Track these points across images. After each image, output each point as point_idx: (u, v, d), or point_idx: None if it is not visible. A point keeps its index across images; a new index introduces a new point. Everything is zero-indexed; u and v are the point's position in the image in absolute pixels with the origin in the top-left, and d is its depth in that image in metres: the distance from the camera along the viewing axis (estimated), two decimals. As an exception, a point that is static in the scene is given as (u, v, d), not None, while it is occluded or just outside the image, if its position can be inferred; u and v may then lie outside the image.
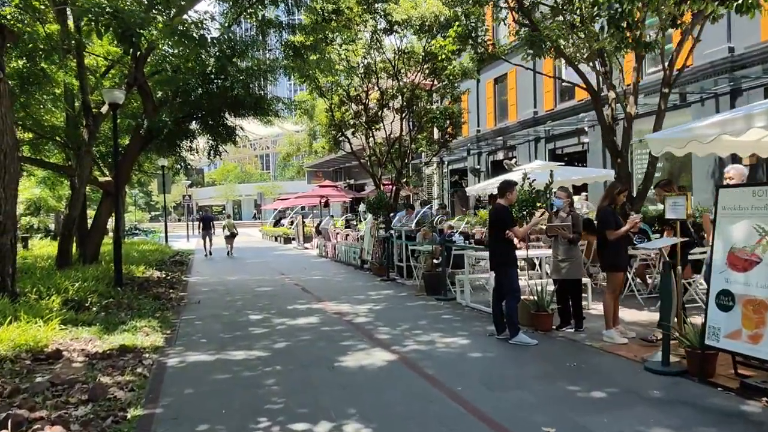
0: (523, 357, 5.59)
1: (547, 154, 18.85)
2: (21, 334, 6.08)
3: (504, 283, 6.20)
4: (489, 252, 6.44)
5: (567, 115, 17.50)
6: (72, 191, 13.00)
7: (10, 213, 8.21)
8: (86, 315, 7.84)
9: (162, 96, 14.12)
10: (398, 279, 11.89)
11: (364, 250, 14.54)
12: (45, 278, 9.68)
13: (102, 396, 4.60)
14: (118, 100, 11.04)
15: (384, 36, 15.94)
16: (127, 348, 6.23)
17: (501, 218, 6.20)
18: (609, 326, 5.99)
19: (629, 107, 9.42)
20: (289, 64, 13.54)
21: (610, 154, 9.71)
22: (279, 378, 5.08)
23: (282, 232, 29.55)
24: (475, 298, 8.53)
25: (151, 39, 11.25)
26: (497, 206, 6.33)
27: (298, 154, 59.06)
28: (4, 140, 8.11)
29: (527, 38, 8.64)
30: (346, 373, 5.22)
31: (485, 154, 23.12)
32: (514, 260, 6.26)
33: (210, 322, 8.00)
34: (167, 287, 11.67)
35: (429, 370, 5.16)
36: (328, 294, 10.25)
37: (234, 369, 5.44)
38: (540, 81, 19.28)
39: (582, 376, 4.89)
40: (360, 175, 35.81)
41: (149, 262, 15.44)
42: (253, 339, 6.75)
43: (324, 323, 7.61)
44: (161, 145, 14.94)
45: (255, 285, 12.09)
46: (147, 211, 63.36)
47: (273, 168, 72.91)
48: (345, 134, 18.38)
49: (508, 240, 6.10)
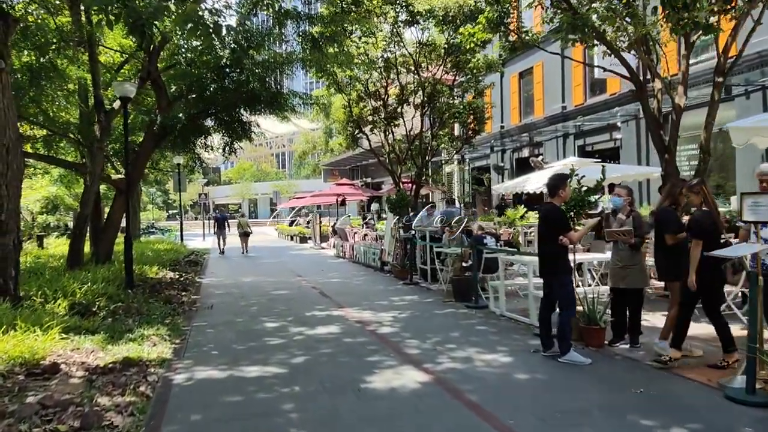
0: (578, 380, 4.86)
1: (576, 150, 18.00)
2: (16, 345, 5.53)
3: (560, 293, 5.50)
4: (539, 257, 5.74)
5: (598, 109, 16.66)
6: (84, 189, 12.58)
7: (12, 212, 7.71)
8: (91, 321, 7.30)
9: (176, 91, 13.67)
10: (422, 283, 11.20)
11: (384, 251, 13.88)
12: (53, 280, 9.20)
13: (96, 423, 4.01)
14: (129, 94, 10.57)
15: (405, 28, 15.27)
16: (131, 361, 5.65)
17: (555, 220, 5.50)
18: (665, 336, 5.25)
19: (678, 98, 8.63)
20: (307, 57, 12.98)
21: (656, 149, 8.92)
22: (298, 404, 4.44)
23: (298, 231, 29.07)
24: (510, 306, 7.82)
25: (164, 29, 10.76)
26: (550, 207, 5.62)
27: (314, 152, 58.82)
28: (6, 135, 7.61)
29: (568, 22, 7.90)
30: (376, 398, 4.55)
31: (509, 151, 22.32)
32: (570, 267, 5.56)
33: (222, 330, 7.41)
34: (180, 289, 11.15)
35: (471, 396, 4.47)
36: (348, 299, 9.61)
37: (248, 389, 4.81)
38: (569, 74, 18.46)
39: (654, 406, 4.17)
40: (377, 173, 35.20)
41: (163, 262, 14.99)
42: (268, 351, 6.13)
43: (346, 333, 6.97)
44: (175, 142, 14.50)
45: (270, 288, 11.51)
46: (164, 209, 63.46)
47: (289, 166, 72.64)
48: (363, 131, 17.77)
49: (561, 244, 5.39)
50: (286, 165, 74.26)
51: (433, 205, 13.27)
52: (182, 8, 10.12)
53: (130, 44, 13.61)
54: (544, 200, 13.80)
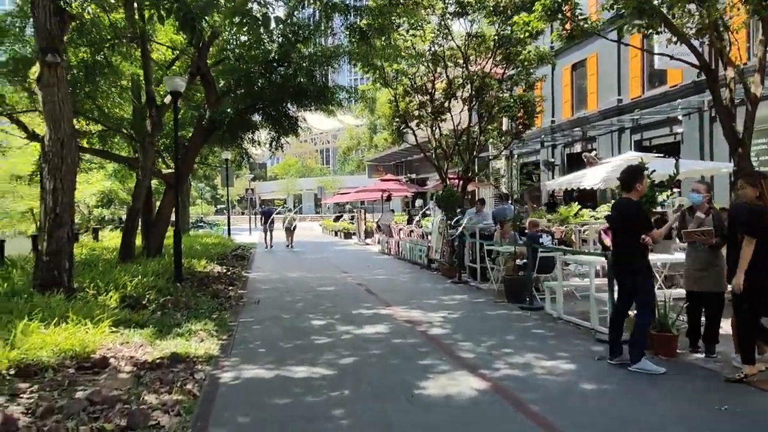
0: (652, 393, 4.44)
1: (632, 145, 17.16)
2: (68, 338, 5.54)
3: (637, 296, 5.08)
4: (615, 257, 5.31)
5: (657, 102, 15.81)
6: (136, 183, 12.82)
7: (67, 205, 7.81)
8: (141, 315, 7.32)
9: (224, 86, 13.75)
10: (471, 281, 10.84)
11: (431, 248, 13.57)
12: (106, 272, 9.34)
13: (143, 423, 3.90)
14: (179, 88, 10.65)
15: (453, 20, 14.88)
16: (179, 357, 5.58)
17: (635, 217, 5.04)
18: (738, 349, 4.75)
19: (754, 87, 7.98)
20: (354, 50, 12.81)
21: (728, 143, 8.28)
22: (348, 409, 4.21)
23: (342, 227, 29.07)
24: (567, 309, 7.38)
25: (213, 23, 10.79)
26: (627, 202, 5.15)
27: (359, 148, 58.95)
28: (61, 128, 7.71)
29: (634, 6, 7.38)
30: (430, 406, 4.27)
31: (560, 146, 21.56)
32: (649, 267, 5.13)
33: (269, 326, 7.30)
34: (227, 284, 11.19)
35: (534, 407, 4.13)
36: (395, 297, 9.36)
37: (295, 391, 4.63)
38: (625, 66, 17.62)
39: (739, 426, 3.74)
40: (422, 169, 34.83)
41: (211, 255, 15.14)
42: (316, 351, 5.95)
43: (394, 333, 6.72)
44: (223, 137, 14.59)
45: (316, 284, 11.40)
46: (212, 204, 64.95)
47: (333, 162, 73.14)
48: (409, 126, 17.47)
49: (641, 243, 4.96)
50: (330, 161, 74.84)
51: (482, 201, 12.88)
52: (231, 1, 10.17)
53: (180, 40, 13.76)
54: (599, 197, 13.09)
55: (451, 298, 9.23)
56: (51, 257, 7.44)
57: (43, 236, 7.53)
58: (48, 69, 7.53)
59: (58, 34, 7.88)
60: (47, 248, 7.44)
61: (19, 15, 11.79)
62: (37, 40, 7.74)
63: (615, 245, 5.32)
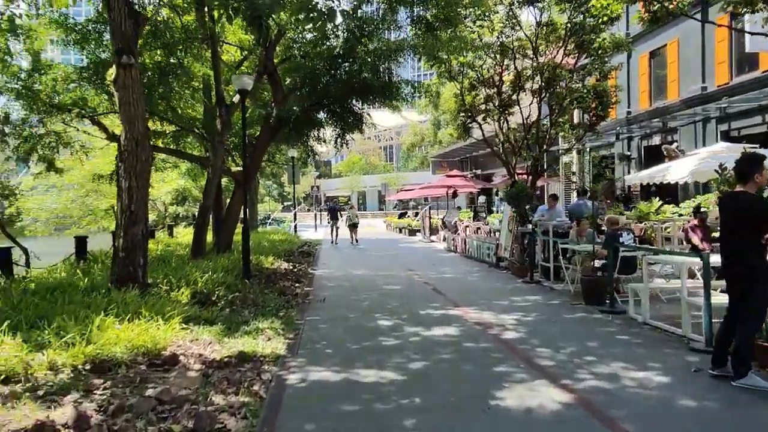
0: (763, 414, 3.92)
1: (718, 136, 15.87)
2: (140, 334, 5.62)
3: (755, 302, 4.46)
4: (726, 259, 4.71)
5: (748, 89, 14.50)
6: (207, 181, 13.14)
7: (141, 202, 8.01)
8: (210, 311, 7.40)
9: (290, 84, 13.86)
10: (544, 282, 10.31)
11: (500, 246, 13.09)
12: (178, 268, 9.58)
13: (209, 426, 3.81)
14: (247, 87, 10.77)
15: (521, 9, 14.25)
16: (246, 356, 5.53)
17: (758, 212, 4.43)
18: None
19: None
20: (419, 44, 12.52)
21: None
22: (420, 419, 3.96)
23: (406, 223, 28.87)
24: (653, 313, 6.79)
25: (279, 21, 10.83)
26: (743, 195, 4.57)
27: (422, 145, 58.52)
28: (136, 127, 7.91)
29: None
30: (508, 419, 3.94)
31: (637, 138, 20.32)
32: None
33: (335, 325, 7.17)
34: (293, 281, 11.23)
35: (626, 425, 3.72)
36: (464, 297, 9.02)
37: (364, 397, 4.42)
38: (710, 51, 16.31)
39: None
40: (487, 165, 33.97)
41: (278, 252, 15.35)
42: (383, 353, 5.73)
43: (465, 337, 6.40)
44: (290, 135, 14.72)
45: (382, 282, 11.22)
46: (280, 201, 66.56)
47: (396, 159, 73.02)
48: (476, 120, 16.97)
49: (761, 244, 4.39)
50: (393, 158, 74.75)
51: (554, 196, 12.25)
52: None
53: (248, 40, 13.98)
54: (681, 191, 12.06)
55: (524, 299, 8.77)
56: (126, 253, 7.65)
57: (120, 233, 7.76)
58: (123, 70, 7.75)
59: (133, 36, 8.10)
60: (123, 245, 7.66)
61: (98, 20, 12.33)
62: (113, 43, 7.98)
63: (725, 245, 4.71)
